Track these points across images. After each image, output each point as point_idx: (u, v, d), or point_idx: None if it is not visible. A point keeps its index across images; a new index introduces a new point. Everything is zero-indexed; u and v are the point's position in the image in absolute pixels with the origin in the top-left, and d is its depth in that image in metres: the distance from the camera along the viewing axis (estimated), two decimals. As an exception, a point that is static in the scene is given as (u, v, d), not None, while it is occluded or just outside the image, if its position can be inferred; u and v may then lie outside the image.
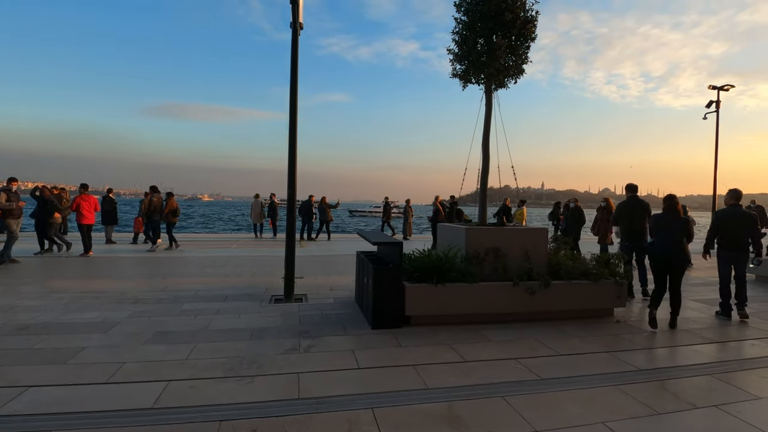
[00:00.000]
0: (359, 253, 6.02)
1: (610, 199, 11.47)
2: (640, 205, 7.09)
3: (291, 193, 6.18)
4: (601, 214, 11.15)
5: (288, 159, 6.15)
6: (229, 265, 9.34)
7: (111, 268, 8.73)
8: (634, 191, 7.28)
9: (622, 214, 7.14)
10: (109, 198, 13.81)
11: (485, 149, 6.29)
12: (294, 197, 6.21)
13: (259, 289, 6.91)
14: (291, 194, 6.18)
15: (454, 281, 5.11)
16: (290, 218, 6.24)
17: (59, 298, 6.08)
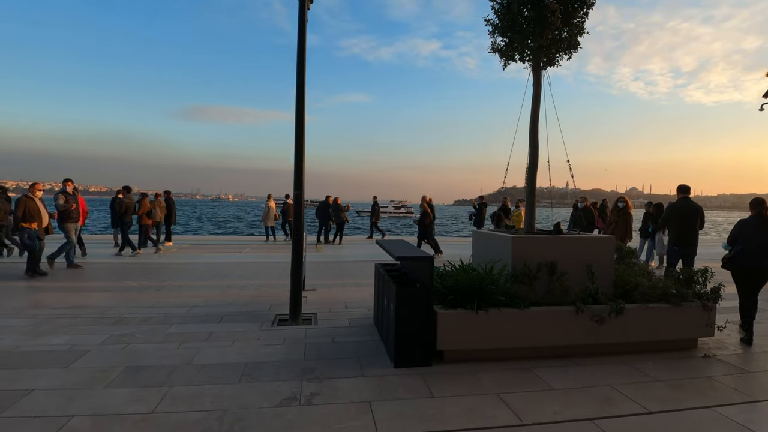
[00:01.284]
0: (378, 267, 4.97)
1: (628, 200, 10.22)
2: (692, 207, 6.72)
3: (298, 194, 5.19)
4: (617, 215, 9.88)
5: (294, 156, 5.17)
6: (234, 273, 8.44)
7: (106, 277, 7.93)
8: (687, 192, 6.85)
9: (673, 216, 6.79)
10: (119, 200, 13.15)
11: (533, 140, 5.16)
12: (302, 198, 5.22)
13: (262, 306, 5.95)
14: (298, 195, 5.20)
15: (500, 306, 4.02)
16: (297, 223, 5.26)
17: (32, 316, 5.25)
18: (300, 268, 5.30)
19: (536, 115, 5.17)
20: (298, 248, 5.27)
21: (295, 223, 5.25)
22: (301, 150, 5.20)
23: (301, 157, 5.19)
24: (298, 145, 5.17)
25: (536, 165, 5.13)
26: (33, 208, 7.73)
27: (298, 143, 5.15)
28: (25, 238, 7.52)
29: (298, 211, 5.22)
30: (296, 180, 5.19)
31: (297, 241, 5.26)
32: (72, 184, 8.93)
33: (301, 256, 5.38)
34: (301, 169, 5.20)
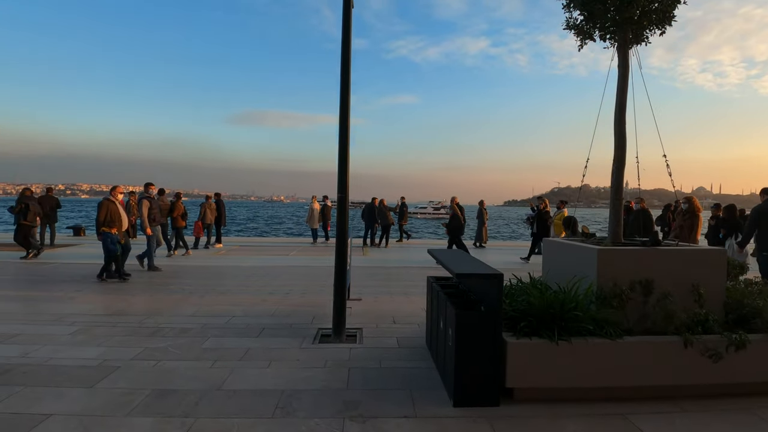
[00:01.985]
0: (432, 281, 4.33)
1: (695, 200, 8.72)
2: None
3: (342, 197, 4.68)
4: (683, 219, 8.47)
5: (338, 157, 4.67)
6: (279, 278, 8.12)
7: (154, 280, 7.85)
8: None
9: (762, 219, 6.51)
10: None
11: (620, 131, 4.32)
12: (345, 201, 4.70)
13: (304, 317, 5.50)
14: (342, 199, 4.68)
15: (585, 334, 3.27)
16: (341, 228, 4.74)
17: (72, 323, 5.09)
18: (344, 278, 4.77)
19: (623, 102, 4.32)
20: (342, 256, 4.75)
21: (338, 228, 4.74)
22: (345, 149, 4.68)
23: (345, 157, 4.68)
24: (342, 145, 4.66)
25: (624, 160, 4.29)
26: (114, 212, 7.65)
27: (342, 143, 4.64)
28: (108, 243, 7.41)
29: (342, 216, 4.71)
30: (339, 182, 4.68)
31: (341, 248, 4.74)
32: (155, 188, 8.97)
33: (345, 264, 4.86)
34: (345, 170, 4.68)
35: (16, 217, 10.11)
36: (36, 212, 10.41)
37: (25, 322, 5.12)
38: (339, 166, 4.66)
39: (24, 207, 10.02)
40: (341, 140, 4.65)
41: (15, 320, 5.20)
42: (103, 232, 7.47)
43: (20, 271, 8.52)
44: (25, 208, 10.03)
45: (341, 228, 4.71)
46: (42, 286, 7.16)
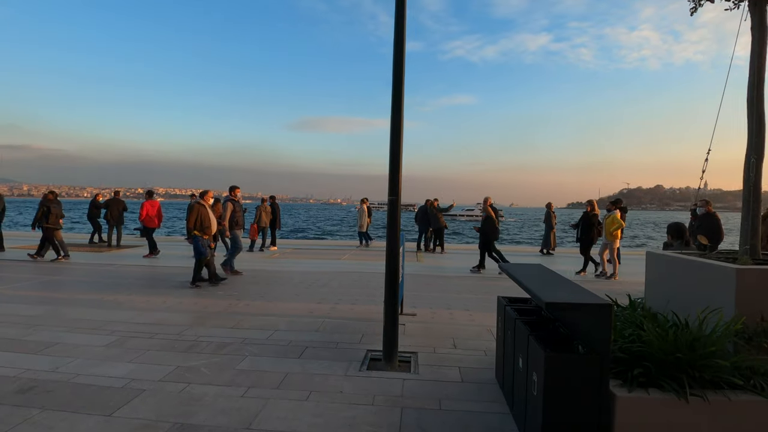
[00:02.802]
0: (505, 304, 3.51)
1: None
2: None
3: (393, 199, 4.00)
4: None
5: (390, 156, 4.01)
6: (330, 285, 7.61)
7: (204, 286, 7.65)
8: None
9: None
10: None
11: (757, 113, 3.30)
12: (396, 204, 4.01)
13: (352, 334, 4.89)
14: (393, 201, 4.01)
15: (726, 387, 2.35)
16: (392, 234, 4.06)
17: (111, 332, 4.84)
18: (396, 292, 4.09)
19: (761, 75, 3.29)
20: (393, 266, 4.06)
21: (389, 234, 4.06)
22: (397, 148, 3.99)
23: (397, 156, 3.98)
24: (394, 144, 3.97)
25: (763, 151, 3.26)
26: (205, 216, 7.54)
27: (393, 141, 3.97)
28: (198, 246, 7.29)
29: (393, 221, 4.03)
30: (391, 183, 4.00)
31: (392, 258, 4.06)
32: (239, 190, 8.92)
33: (397, 277, 4.18)
34: (397, 170, 3.99)
35: (39, 221, 10.09)
36: (57, 215, 10.35)
37: (67, 329, 4.94)
38: (390, 165, 4.00)
39: (46, 210, 10.10)
40: (393, 138, 3.97)
41: (59, 326, 5.04)
42: (193, 236, 7.37)
43: (81, 273, 8.69)
44: (47, 211, 10.11)
45: (392, 234, 4.04)
46: (94, 289, 7.14)
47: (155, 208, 11.29)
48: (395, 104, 3.97)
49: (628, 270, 9.71)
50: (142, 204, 11.27)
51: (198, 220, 7.42)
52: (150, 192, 11.98)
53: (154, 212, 11.25)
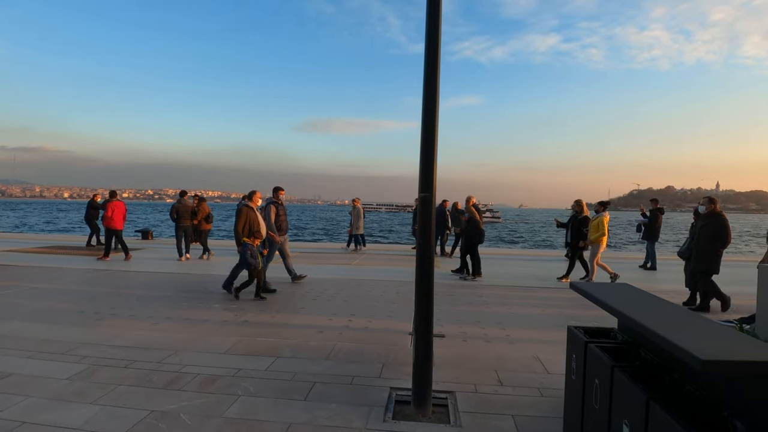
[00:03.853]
0: (585, 340, 2.59)
1: None
2: None
3: (426, 197, 3.11)
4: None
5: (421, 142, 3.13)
6: (338, 297, 6.73)
7: (205, 295, 6.82)
8: None
9: None
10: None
11: None
12: (430, 203, 3.12)
13: (371, 362, 4.01)
14: (426, 199, 3.12)
15: None
16: (424, 239, 3.17)
17: (80, 359, 4.01)
18: (430, 317, 3.20)
19: None
20: (426, 284, 3.17)
21: (421, 239, 3.18)
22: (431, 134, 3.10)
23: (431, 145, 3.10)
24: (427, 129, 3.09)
25: None
26: (254, 221, 6.79)
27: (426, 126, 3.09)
28: (248, 256, 6.40)
29: (426, 223, 3.14)
30: (423, 177, 3.11)
31: (425, 272, 3.16)
32: (283, 193, 8.17)
33: (432, 295, 3.29)
34: (431, 162, 3.10)
35: None
36: None
37: (29, 355, 4.11)
38: (422, 154, 3.11)
39: None
40: (426, 122, 3.10)
41: (21, 350, 4.22)
42: (243, 243, 6.57)
43: (69, 280, 7.91)
44: None
45: (425, 240, 3.15)
46: (78, 298, 6.33)
47: (119, 209, 10.70)
48: (429, 76, 3.09)
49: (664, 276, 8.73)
50: (106, 205, 10.67)
51: (247, 224, 6.66)
52: (113, 192, 11.31)
53: (119, 214, 10.69)
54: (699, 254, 6.26)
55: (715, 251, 6.16)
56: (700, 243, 6.28)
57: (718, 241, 6.15)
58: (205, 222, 11.26)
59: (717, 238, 6.15)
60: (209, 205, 11.97)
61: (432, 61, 3.10)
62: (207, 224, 11.34)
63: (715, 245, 6.16)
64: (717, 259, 6.17)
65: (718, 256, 6.19)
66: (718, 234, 6.14)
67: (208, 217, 11.29)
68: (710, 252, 6.15)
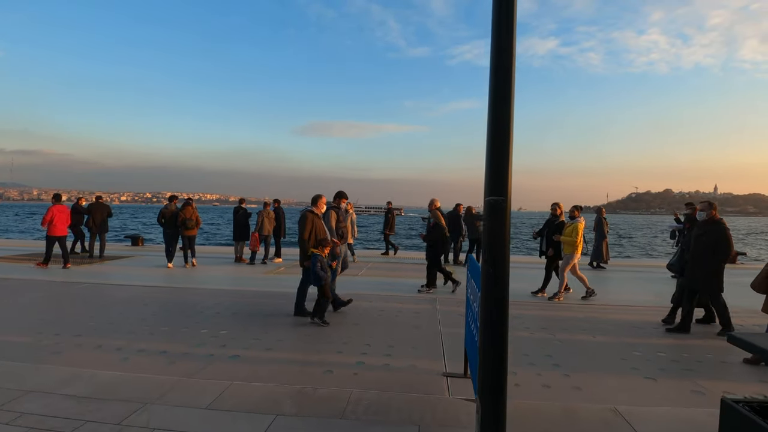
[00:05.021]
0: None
1: None
2: None
3: (498, 201, 2.10)
4: None
5: (491, 128, 2.12)
6: (347, 321, 5.73)
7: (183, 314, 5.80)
8: None
9: None
10: (242, 209, 11.66)
11: None
12: (503, 209, 2.11)
13: (402, 425, 2.99)
14: (498, 204, 2.11)
15: None
16: (497, 252, 2.15)
17: (16, 416, 2.98)
18: (504, 362, 2.17)
19: None
20: (498, 314, 2.14)
21: (490, 252, 2.17)
22: (507, 114, 2.11)
23: (506, 132, 2.10)
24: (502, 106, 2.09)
25: None
26: (320, 229, 5.93)
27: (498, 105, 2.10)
28: (317, 268, 5.54)
29: (498, 234, 2.13)
30: (494, 174, 2.11)
31: (497, 298, 2.14)
32: (345, 201, 7.18)
33: (506, 330, 2.25)
34: (506, 154, 2.09)
35: None
36: None
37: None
38: (491, 148, 2.10)
39: None
40: (496, 104, 2.09)
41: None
42: (311, 255, 5.66)
43: (39, 295, 6.87)
44: None
45: (498, 253, 2.13)
46: (40, 322, 5.30)
47: (62, 214, 9.96)
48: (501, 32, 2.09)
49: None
50: (48, 209, 9.88)
51: (313, 233, 5.78)
52: (57, 195, 10.44)
53: (61, 220, 9.93)
54: (695, 269, 5.30)
55: (715, 266, 5.21)
56: (696, 256, 5.31)
57: (718, 253, 5.17)
58: (184, 227, 10.25)
59: (717, 251, 5.17)
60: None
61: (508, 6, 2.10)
62: (187, 230, 10.33)
63: (715, 259, 5.19)
64: (719, 276, 5.23)
65: (720, 272, 5.23)
66: (718, 245, 5.16)
67: (185, 222, 10.24)
68: (710, 267, 5.21)
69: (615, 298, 7.41)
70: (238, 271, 9.86)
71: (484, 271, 2.13)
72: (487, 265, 2.10)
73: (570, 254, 7.19)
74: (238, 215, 11.47)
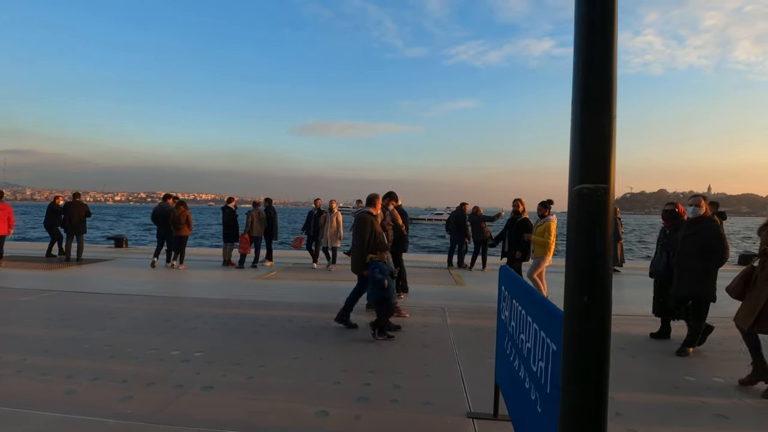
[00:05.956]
0: None
1: None
2: None
3: (602, 189, 1.32)
4: None
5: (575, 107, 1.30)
6: (345, 334, 4.94)
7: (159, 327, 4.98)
8: None
9: None
10: (229, 209, 10.79)
11: None
12: (606, 200, 1.32)
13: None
14: (601, 192, 1.32)
15: None
16: (599, 258, 1.37)
17: None
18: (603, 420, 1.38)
19: None
20: (597, 342, 1.35)
21: (577, 258, 1.45)
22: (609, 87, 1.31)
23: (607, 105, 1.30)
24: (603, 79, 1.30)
25: None
26: (379, 231, 5.32)
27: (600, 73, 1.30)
28: (376, 273, 4.86)
29: (600, 229, 1.32)
30: (584, 157, 1.32)
31: (592, 335, 1.35)
32: (394, 203, 6.34)
33: (605, 365, 1.46)
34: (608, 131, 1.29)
35: None
36: None
37: None
38: (579, 122, 1.31)
39: None
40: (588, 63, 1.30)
41: None
42: (371, 261, 4.95)
43: None
44: None
45: (597, 270, 1.34)
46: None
47: (3, 212, 9.51)
48: None
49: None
50: None
51: (372, 237, 5.12)
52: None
53: (2, 218, 9.48)
54: (683, 274, 4.44)
55: (705, 272, 4.32)
56: (682, 259, 4.44)
57: (711, 257, 4.29)
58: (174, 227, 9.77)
59: (709, 252, 4.29)
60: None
61: None
62: (176, 230, 9.79)
63: (708, 263, 4.30)
64: (712, 282, 4.33)
65: (713, 278, 4.34)
66: (709, 247, 4.29)
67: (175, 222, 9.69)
68: (699, 272, 4.32)
69: (628, 308, 6.55)
70: (225, 275, 9.04)
71: (571, 302, 1.33)
72: (580, 291, 1.30)
73: (541, 257, 6.48)
74: (224, 215, 10.68)
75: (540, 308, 1.88)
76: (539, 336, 1.84)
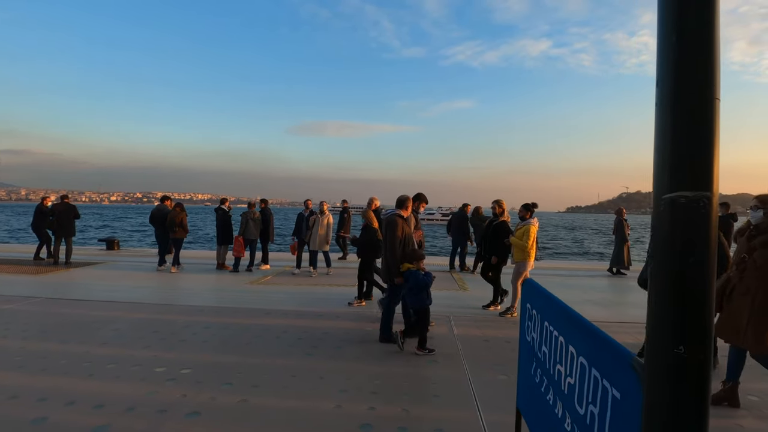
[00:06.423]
0: None
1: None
2: None
3: (704, 197, 0.99)
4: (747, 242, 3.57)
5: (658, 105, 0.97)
6: (348, 349, 4.59)
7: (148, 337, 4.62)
8: None
9: None
10: (222, 210, 10.38)
11: None
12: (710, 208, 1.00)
13: None
14: (704, 200, 0.99)
15: None
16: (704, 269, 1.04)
17: None
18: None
19: None
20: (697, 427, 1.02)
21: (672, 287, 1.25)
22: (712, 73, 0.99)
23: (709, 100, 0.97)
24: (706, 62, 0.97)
25: None
26: (410, 236, 4.98)
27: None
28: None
29: (700, 250, 1.00)
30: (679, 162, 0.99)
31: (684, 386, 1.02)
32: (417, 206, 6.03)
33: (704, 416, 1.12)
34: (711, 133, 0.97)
35: None
36: None
37: None
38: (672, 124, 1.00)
39: None
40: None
41: None
42: (407, 271, 4.62)
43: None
44: None
45: (699, 300, 1.00)
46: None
47: None
48: None
49: None
50: None
51: (403, 242, 4.79)
52: None
53: None
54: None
55: None
56: None
57: None
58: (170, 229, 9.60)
59: None
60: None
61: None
62: (172, 232, 9.57)
63: None
64: None
65: None
66: None
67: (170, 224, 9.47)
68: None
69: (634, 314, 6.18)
70: (218, 280, 8.68)
71: (656, 351, 0.99)
72: (671, 337, 0.96)
73: (522, 261, 6.10)
74: (218, 216, 10.29)
75: (590, 340, 1.54)
76: (590, 374, 1.51)
